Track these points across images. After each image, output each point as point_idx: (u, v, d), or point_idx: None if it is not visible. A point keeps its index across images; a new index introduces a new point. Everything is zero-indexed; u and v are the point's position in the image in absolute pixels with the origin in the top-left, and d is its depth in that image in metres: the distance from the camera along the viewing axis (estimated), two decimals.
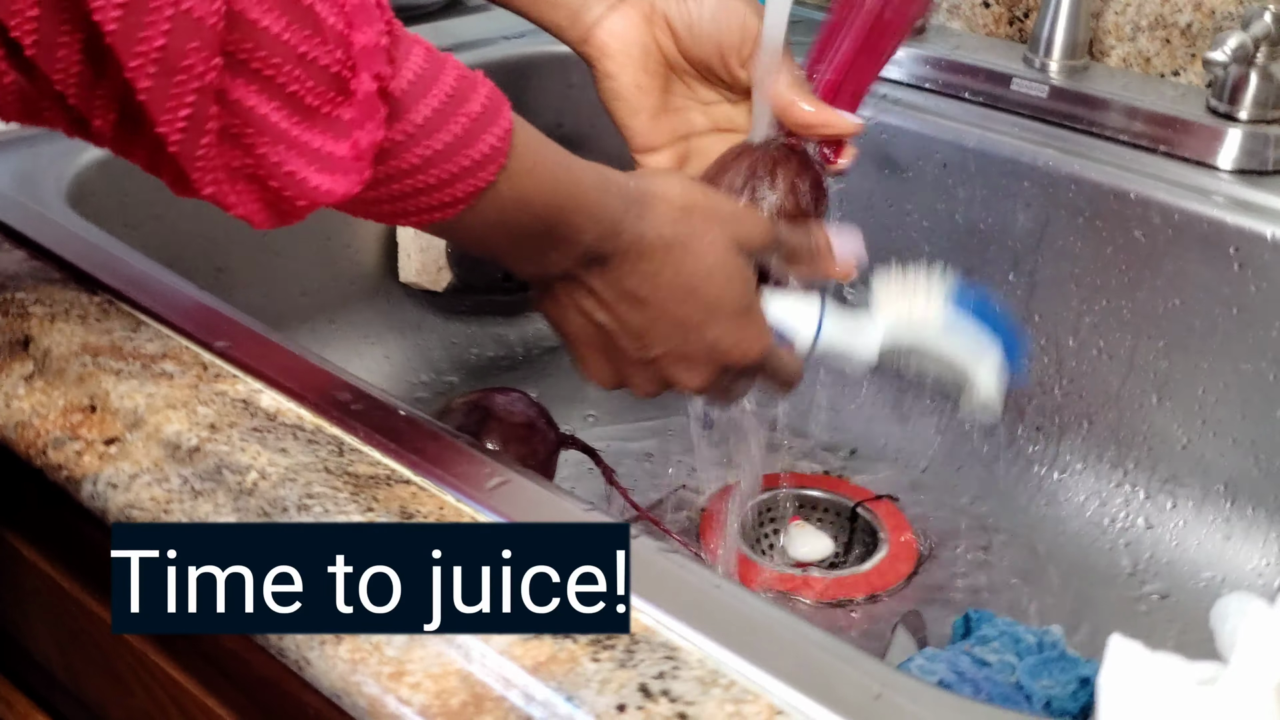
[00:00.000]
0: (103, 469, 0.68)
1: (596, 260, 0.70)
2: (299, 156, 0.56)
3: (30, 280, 0.80)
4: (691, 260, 0.72)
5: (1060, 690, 0.81)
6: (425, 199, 0.62)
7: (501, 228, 0.66)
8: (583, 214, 0.68)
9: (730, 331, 0.74)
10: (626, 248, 0.70)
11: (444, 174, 0.61)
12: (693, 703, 0.53)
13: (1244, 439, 0.98)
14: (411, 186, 0.61)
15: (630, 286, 0.71)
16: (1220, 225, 0.96)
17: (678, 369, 0.74)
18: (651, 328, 0.72)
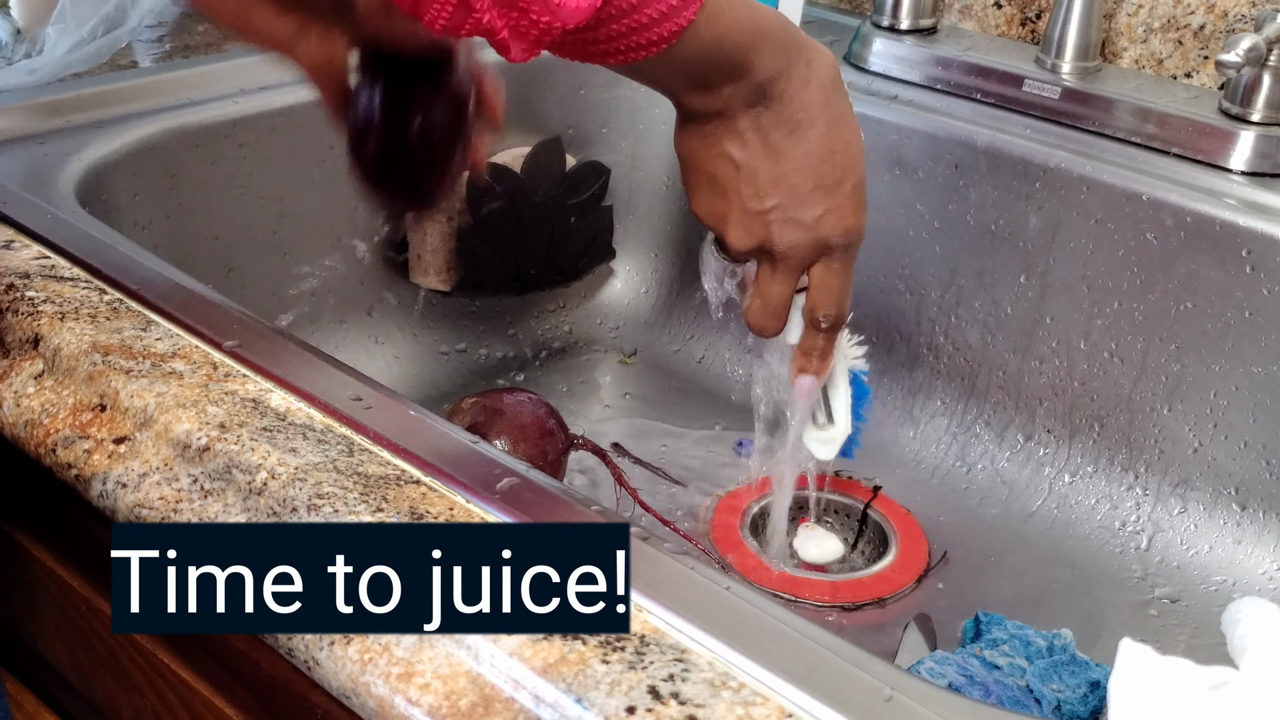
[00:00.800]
0: (112, 468, 0.68)
1: (762, 99, 0.76)
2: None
3: (40, 279, 0.80)
4: (841, 126, 0.79)
5: (1071, 694, 0.81)
6: (636, 37, 0.68)
7: (695, 63, 0.72)
8: (766, 51, 0.74)
9: (843, 205, 0.79)
10: (793, 94, 0.76)
11: (655, 13, 0.67)
12: (702, 705, 0.53)
13: (1255, 442, 0.98)
14: (628, 26, 0.67)
15: (781, 135, 0.77)
16: (1233, 227, 0.96)
17: (782, 229, 0.79)
18: (780, 180, 0.77)
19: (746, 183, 0.78)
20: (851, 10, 1.31)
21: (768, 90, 0.75)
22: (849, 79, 1.15)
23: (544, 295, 1.27)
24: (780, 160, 0.77)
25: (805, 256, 0.80)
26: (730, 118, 0.76)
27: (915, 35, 1.17)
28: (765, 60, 0.74)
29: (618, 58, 0.69)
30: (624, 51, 0.69)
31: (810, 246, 0.80)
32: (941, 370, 1.12)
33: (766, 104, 0.76)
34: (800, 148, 0.77)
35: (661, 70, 0.73)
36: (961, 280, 1.10)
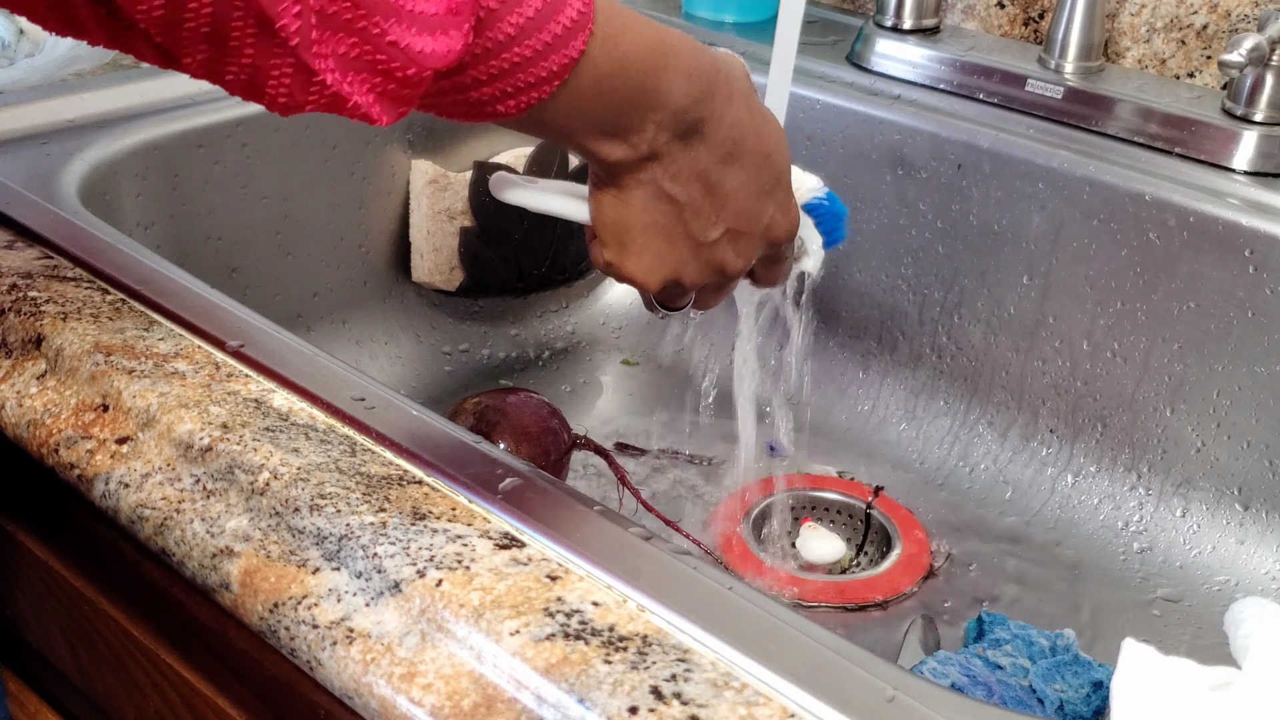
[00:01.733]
0: (115, 468, 0.68)
1: (693, 130, 0.69)
2: (399, 23, 0.55)
3: (43, 279, 0.80)
4: (766, 126, 0.73)
5: (1073, 694, 0.81)
6: (522, 75, 0.60)
7: (599, 100, 0.65)
8: (680, 73, 0.67)
9: (783, 201, 0.75)
10: (721, 113, 0.70)
11: (538, 44, 0.60)
12: (705, 705, 0.53)
13: (1258, 442, 0.98)
14: (508, 62, 0.60)
15: (718, 160, 0.71)
16: (1235, 227, 0.96)
17: (732, 250, 0.74)
18: (726, 204, 0.72)
19: (693, 219, 0.71)
20: (854, 10, 1.31)
21: (694, 117, 0.68)
22: (852, 79, 1.16)
23: (547, 296, 1.27)
24: (724, 184, 0.71)
25: (761, 250, 0.76)
26: (665, 158, 0.69)
27: (918, 35, 1.17)
28: (681, 83, 0.67)
29: (505, 104, 0.61)
30: (510, 95, 0.61)
31: (762, 247, 0.76)
32: (944, 370, 1.12)
33: (699, 133, 0.69)
34: (740, 165, 0.72)
35: (563, 115, 0.64)
36: (964, 280, 1.10)
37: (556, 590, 0.58)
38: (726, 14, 1.29)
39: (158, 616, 0.75)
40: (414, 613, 0.58)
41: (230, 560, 0.63)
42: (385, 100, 0.57)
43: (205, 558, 0.63)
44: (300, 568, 0.61)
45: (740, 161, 0.71)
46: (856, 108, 1.13)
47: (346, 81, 0.55)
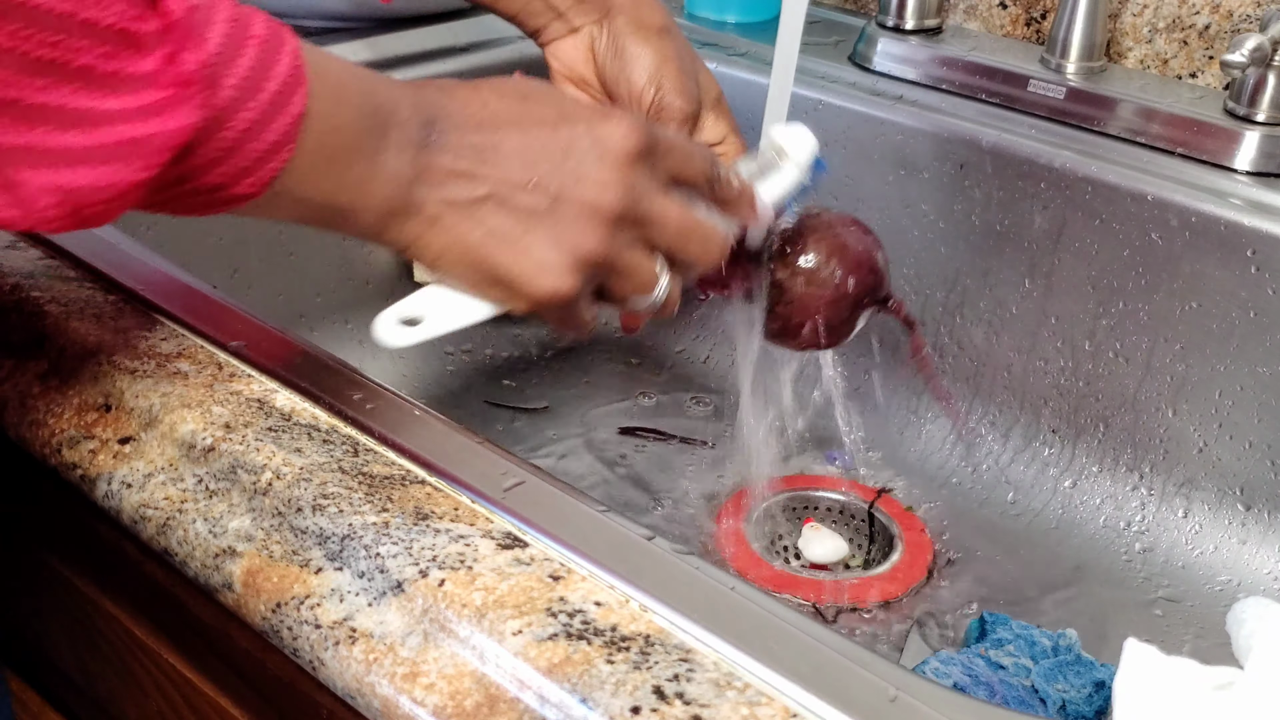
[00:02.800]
0: (117, 468, 0.68)
1: (430, 134, 0.64)
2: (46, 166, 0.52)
3: (45, 279, 0.80)
4: (512, 92, 0.67)
5: (1075, 694, 0.81)
6: (254, 145, 0.56)
7: (336, 149, 0.60)
8: (399, 94, 0.63)
9: (588, 123, 0.67)
10: (451, 105, 0.65)
11: (260, 107, 0.56)
12: (707, 705, 0.53)
13: (1260, 442, 0.98)
14: (235, 130, 0.55)
15: (473, 137, 0.65)
16: (1237, 228, 0.96)
17: (581, 185, 0.66)
18: (521, 157, 0.65)
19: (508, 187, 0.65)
20: (856, 10, 1.31)
21: (422, 119, 0.64)
22: (854, 80, 1.16)
23: None
24: (500, 149, 0.65)
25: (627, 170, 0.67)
26: (427, 170, 0.64)
27: (920, 35, 1.17)
28: (399, 94, 0.63)
29: (244, 184, 0.57)
30: (247, 172, 0.57)
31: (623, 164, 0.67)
32: (946, 370, 1.12)
33: (436, 129, 0.64)
34: (503, 127, 0.65)
35: (310, 179, 0.60)
36: (966, 280, 1.10)
37: (559, 590, 0.58)
38: (729, 14, 1.29)
39: (160, 616, 0.75)
40: (416, 613, 0.58)
41: (233, 560, 0.63)
42: (75, 218, 0.53)
43: (208, 558, 0.63)
44: (303, 568, 0.61)
45: (501, 124, 0.66)
46: (858, 108, 1.13)
47: (28, 201, 0.52)
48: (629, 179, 0.67)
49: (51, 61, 0.50)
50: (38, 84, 0.50)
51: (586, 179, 0.66)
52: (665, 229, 0.69)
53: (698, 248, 0.71)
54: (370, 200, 0.63)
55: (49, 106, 0.51)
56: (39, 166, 0.51)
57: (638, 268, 0.69)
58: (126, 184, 0.53)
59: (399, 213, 0.64)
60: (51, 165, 0.51)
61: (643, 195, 0.68)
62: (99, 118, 0.52)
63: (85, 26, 0.50)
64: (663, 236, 0.69)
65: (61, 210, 0.53)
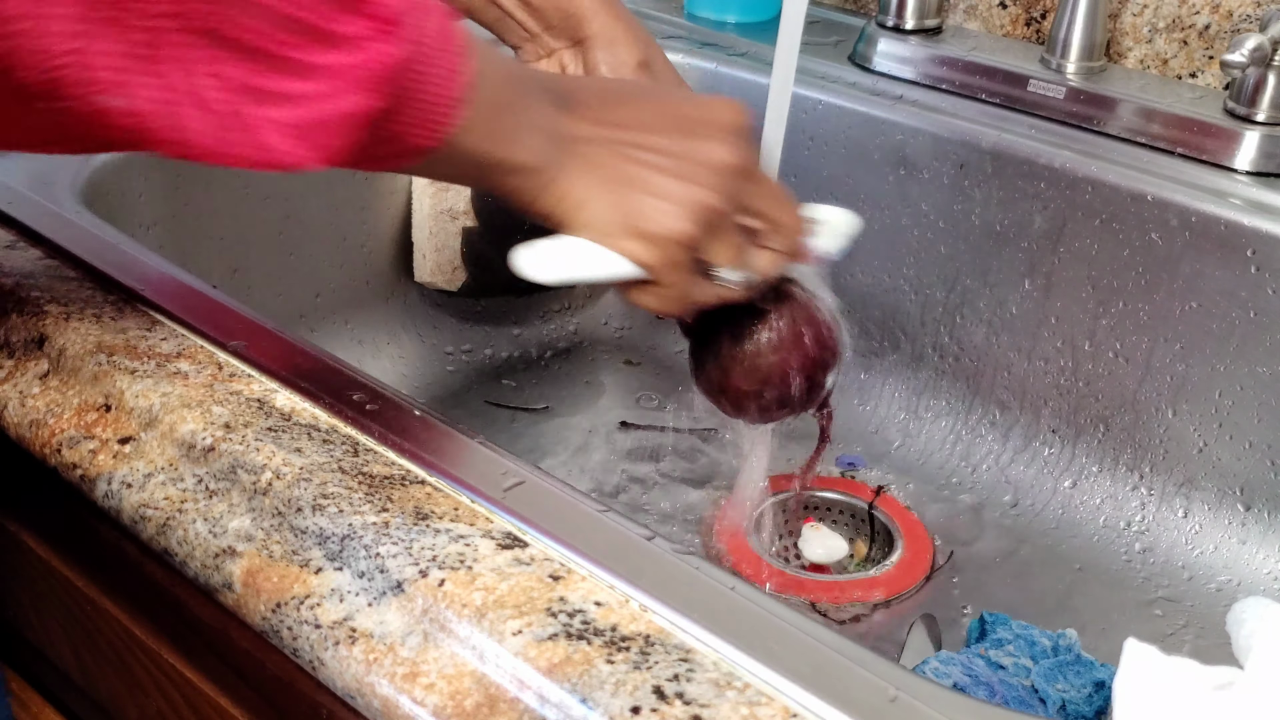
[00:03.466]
0: (117, 468, 0.68)
1: (565, 100, 0.70)
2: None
3: (45, 279, 0.80)
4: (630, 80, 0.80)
5: (1075, 694, 0.81)
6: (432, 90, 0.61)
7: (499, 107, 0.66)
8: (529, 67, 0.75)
9: (700, 100, 0.75)
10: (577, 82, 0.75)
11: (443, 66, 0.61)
12: (707, 705, 0.53)
13: (1260, 442, 0.98)
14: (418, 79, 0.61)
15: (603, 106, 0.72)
16: (1237, 227, 0.96)
17: (700, 142, 0.72)
18: (647, 120, 0.72)
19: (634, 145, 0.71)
20: (856, 10, 1.31)
21: (561, 89, 0.71)
22: (854, 80, 1.16)
23: (549, 296, 1.27)
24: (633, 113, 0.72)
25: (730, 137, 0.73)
26: (571, 128, 0.70)
27: (920, 35, 1.17)
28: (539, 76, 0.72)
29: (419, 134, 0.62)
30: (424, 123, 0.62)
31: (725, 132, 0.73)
32: (946, 370, 1.12)
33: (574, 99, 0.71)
34: (633, 100, 0.74)
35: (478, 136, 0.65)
36: (966, 280, 1.10)
37: (559, 590, 0.58)
38: (729, 14, 1.29)
39: (160, 616, 0.75)
40: (416, 613, 0.58)
41: (233, 560, 0.63)
42: (318, 150, 0.58)
43: (208, 558, 0.63)
44: (303, 568, 0.61)
45: (626, 98, 0.74)
46: (858, 108, 1.13)
47: (271, 141, 0.57)
48: (738, 142, 0.73)
49: (299, 20, 0.56)
50: (285, 39, 0.56)
51: (703, 140, 0.72)
52: (764, 191, 0.75)
53: (789, 216, 0.77)
54: (525, 154, 0.68)
55: (290, 59, 0.56)
56: (281, 106, 0.57)
57: (735, 234, 0.74)
58: (353, 113, 0.58)
59: (545, 167, 0.69)
60: (287, 106, 0.57)
61: (748, 159, 0.74)
62: (325, 70, 0.57)
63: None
64: (761, 199, 0.75)
65: (301, 143, 0.58)
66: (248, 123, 0.56)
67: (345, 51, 0.57)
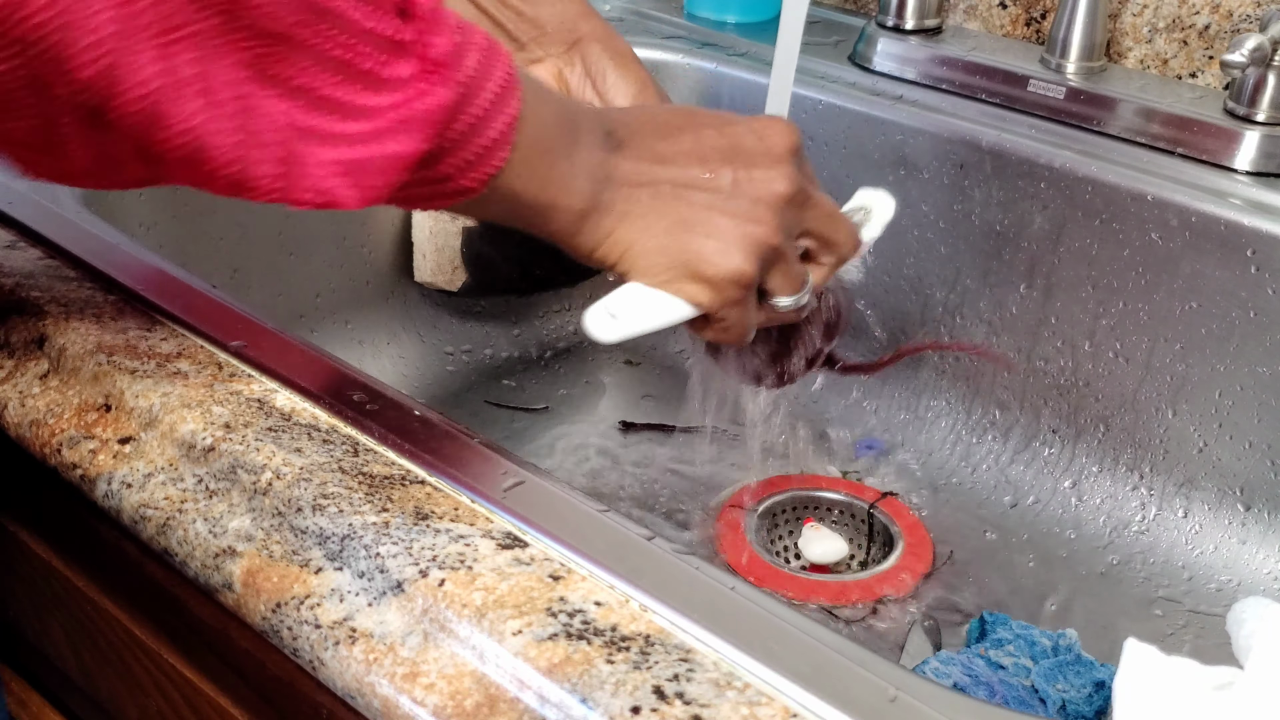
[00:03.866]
0: (117, 468, 0.68)
1: (613, 139, 0.69)
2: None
3: (45, 279, 0.80)
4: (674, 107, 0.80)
5: (1075, 694, 0.81)
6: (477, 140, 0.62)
7: (545, 152, 0.66)
8: (579, 104, 0.72)
9: (750, 124, 0.73)
10: (624, 117, 0.72)
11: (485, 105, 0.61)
12: (707, 705, 0.53)
13: (1260, 442, 0.98)
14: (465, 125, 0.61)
15: (651, 142, 0.71)
16: (1237, 227, 0.96)
17: (753, 177, 0.71)
18: (697, 155, 0.71)
19: (689, 180, 0.70)
20: (856, 10, 1.31)
21: (608, 127, 0.70)
22: (854, 80, 1.16)
23: (549, 296, 1.27)
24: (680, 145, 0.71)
25: (783, 163, 0.72)
26: (617, 167, 0.69)
27: (920, 35, 1.17)
28: (589, 110, 0.71)
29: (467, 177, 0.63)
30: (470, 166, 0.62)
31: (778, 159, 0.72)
32: (946, 370, 1.12)
33: (620, 136, 0.70)
34: (679, 130, 0.72)
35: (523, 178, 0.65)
36: (966, 280, 1.10)
37: (559, 590, 0.58)
38: (729, 15, 1.29)
39: (160, 616, 0.75)
40: (416, 613, 0.58)
41: (233, 560, 0.63)
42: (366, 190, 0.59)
43: (208, 558, 0.63)
44: (303, 568, 0.61)
45: (673, 130, 0.72)
46: (858, 108, 1.13)
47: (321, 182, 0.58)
48: (791, 170, 0.72)
49: (344, 61, 0.56)
50: (331, 79, 0.56)
51: (757, 170, 0.71)
52: (820, 214, 0.75)
53: (845, 234, 0.77)
54: (570, 198, 0.67)
55: (334, 99, 0.56)
56: (324, 146, 0.57)
57: (794, 261, 0.74)
58: (396, 155, 0.58)
59: (592, 210, 0.68)
60: (334, 146, 0.57)
61: (802, 184, 0.73)
62: (373, 111, 0.57)
63: (370, 36, 0.57)
64: (816, 222, 0.75)
65: (345, 182, 0.58)
66: (303, 161, 0.57)
67: (394, 93, 0.57)
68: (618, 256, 0.70)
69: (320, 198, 0.58)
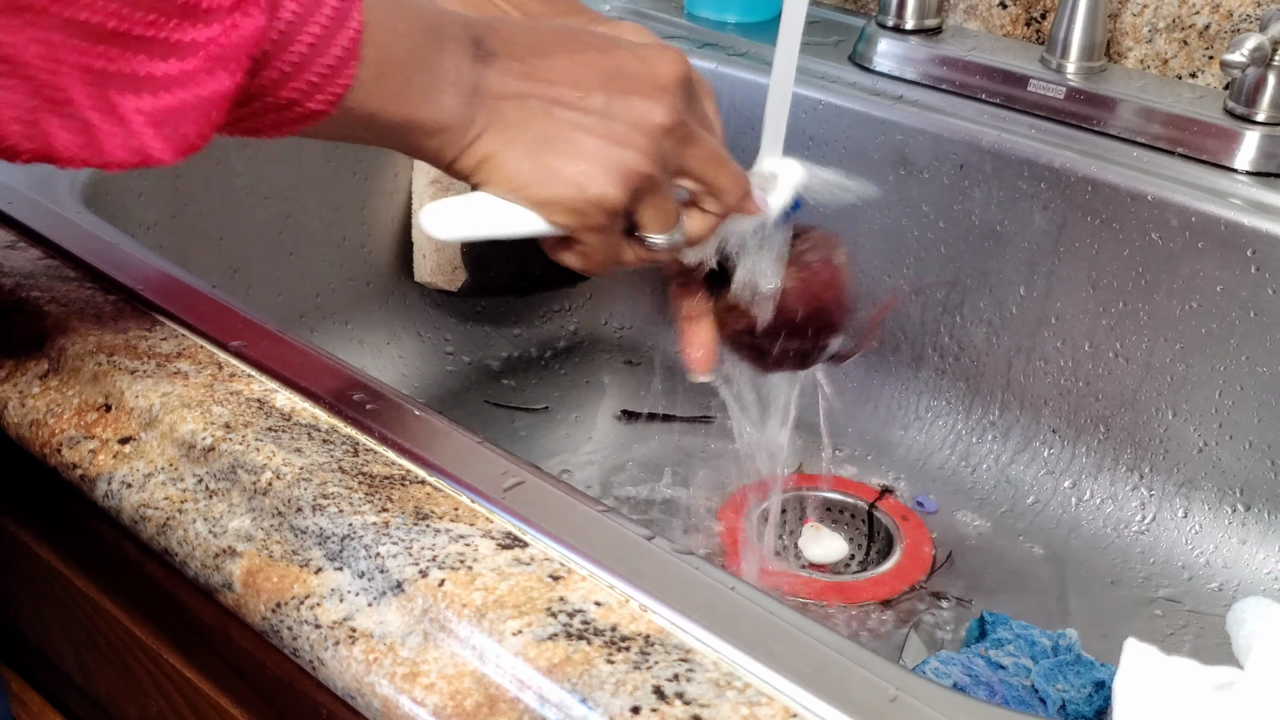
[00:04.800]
0: (117, 468, 0.68)
1: (484, 51, 0.66)
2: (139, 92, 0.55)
3: (45, 279, 0.80)
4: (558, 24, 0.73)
5: (1075, 694, 0.81)
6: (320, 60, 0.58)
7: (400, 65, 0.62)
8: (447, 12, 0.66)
9: (636, 50, 0.69)
10: (501, 28, 0.68)
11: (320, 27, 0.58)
12: (707, 705, 0.53)
13: (1260, 442, 0.98)
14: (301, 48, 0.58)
15: (526, 57, 0.67)
16: (1237, 227, 0.96)
17: (631, 102, 0.67)
18: (573, 75, 0.67)
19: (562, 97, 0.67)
20: (856, 10, 1.31)
21: (475, 34, 0.66)
22: (854, 79, 1.16)
23: (549, 296, 1.27)
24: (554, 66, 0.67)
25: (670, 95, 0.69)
26: (484, 81, 0.65)
27: (920, 35, 1.17)
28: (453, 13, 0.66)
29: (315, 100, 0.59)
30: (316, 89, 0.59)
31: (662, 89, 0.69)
32: (946, 371, 1.12)
33: (490, 48, 0.66)
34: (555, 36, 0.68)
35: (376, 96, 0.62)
36: (966, 280, 1.10)
37: (559, 590, 0.58)
38: (729, 14, 1.29)
39: (160, 616, 0.75)
40: (416, 613, 0.58)
41: (233, 560, 0.63)
42: (179, 141, 0.56)
43: (208, 558, 0.63)
44: (303, 568, 0.61)
45: (551, 47, 0.68)
46: (858, 108, 1.13)
47: (136, 131, 0.55)
48: (674, 101, 0.69)
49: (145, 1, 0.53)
50: (147, 18, 0.53)
51: (635, 97, 0.68)
52: (701, 153, 0.71)
53: (728, 178, 0.73)
54: (430, 110, 0.64)
55: (150, 38, 0.54)
56: (141, 93, 0.54)
57: (668, 197, 0.71)
58: (213, 95, 0.56)
59: (458, 125, 0.65)
60: (151, 91, 0.55)
61: (685, 118, 0.69)
62: (188, 47, 0.55)
63: None
64: (697, 161, 0.71)
65: (160, 133, 0.55)
66: (112, 114, 0.54)
67: (211, 25, 0.54)
68: (474, 165, 0.67)
69: (134, 156, 0.55)
